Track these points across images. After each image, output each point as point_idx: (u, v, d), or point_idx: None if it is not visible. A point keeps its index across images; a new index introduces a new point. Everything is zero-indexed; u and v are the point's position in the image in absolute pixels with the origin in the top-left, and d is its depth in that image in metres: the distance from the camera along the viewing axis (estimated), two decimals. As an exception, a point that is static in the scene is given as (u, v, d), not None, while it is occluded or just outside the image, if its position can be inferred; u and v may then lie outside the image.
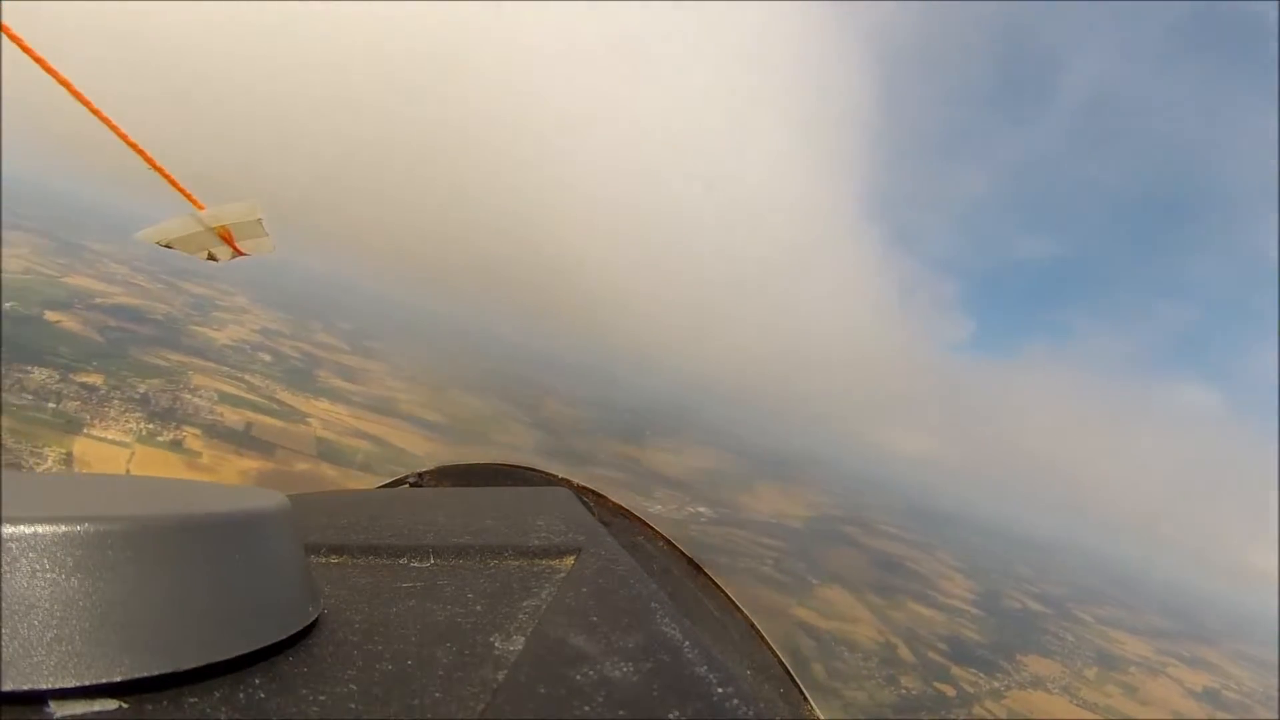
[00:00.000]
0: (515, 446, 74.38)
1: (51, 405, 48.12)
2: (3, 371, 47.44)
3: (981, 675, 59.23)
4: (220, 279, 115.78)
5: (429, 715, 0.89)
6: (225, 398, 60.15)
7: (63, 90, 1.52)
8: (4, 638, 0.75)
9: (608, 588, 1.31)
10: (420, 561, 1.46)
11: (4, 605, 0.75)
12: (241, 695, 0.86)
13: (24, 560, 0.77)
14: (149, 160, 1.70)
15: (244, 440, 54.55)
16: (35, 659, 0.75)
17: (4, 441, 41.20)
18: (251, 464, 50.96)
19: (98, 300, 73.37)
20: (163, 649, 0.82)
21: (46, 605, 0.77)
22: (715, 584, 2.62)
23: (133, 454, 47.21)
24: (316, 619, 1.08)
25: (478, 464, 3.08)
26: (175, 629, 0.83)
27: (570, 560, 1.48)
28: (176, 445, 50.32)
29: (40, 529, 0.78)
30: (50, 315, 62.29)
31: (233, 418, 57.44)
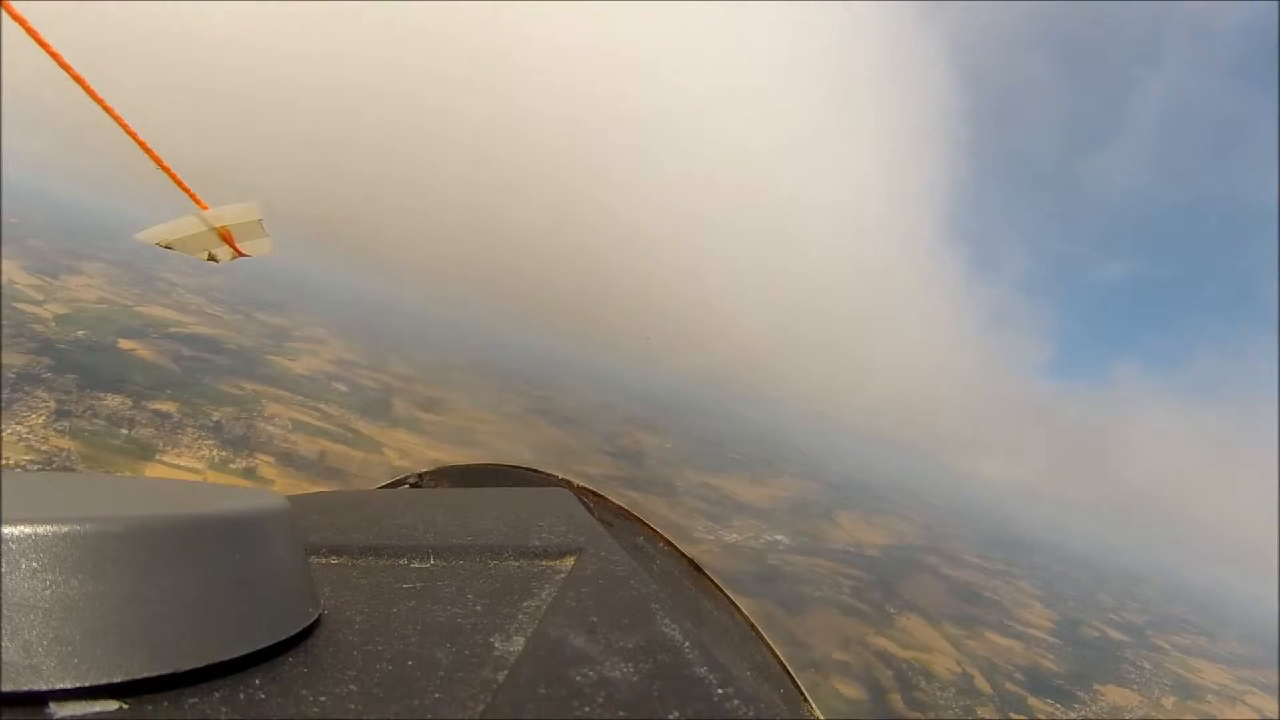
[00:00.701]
0: (597, 476, 73.14)
1: (124, 432, 47.61)
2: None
3: (1058, 706, 57.17)
4: (295, 309, 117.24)
5: (429, 715, 0.89)
6: (299, 426, 59.38)
7: (72, 87, 1.56)
8: (4, 638, 0.75)
9: (608, 588, 1.33)
10: (420, 562, 1.49)
11: (4, 605, 0.75)
12: (242, 696, 0.86)
13: (24, 560, 0.77)
14: (156, 159, 1.72)
15: (318, 469, 53.61)
16: (35, 659, 0.75)
17: (76, 466, 41.07)
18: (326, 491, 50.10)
19: (173, 329, 73.59)
20: (163, 649, 0.82)
21: (46, 605, 0.77)
22: (715, 584, 2.65)
23: (204, 481, 45.76)
24: (316, 619, 1.09)
25: (478, 464, 3.12)
26: (175, 629, 0.84)
27: (570, 561, 1.51)
28: (249, 473, 49.53)
29: (40, 529, 0.78)
30: (124, 344, 62.06)
31: (307, 446, 56.41)
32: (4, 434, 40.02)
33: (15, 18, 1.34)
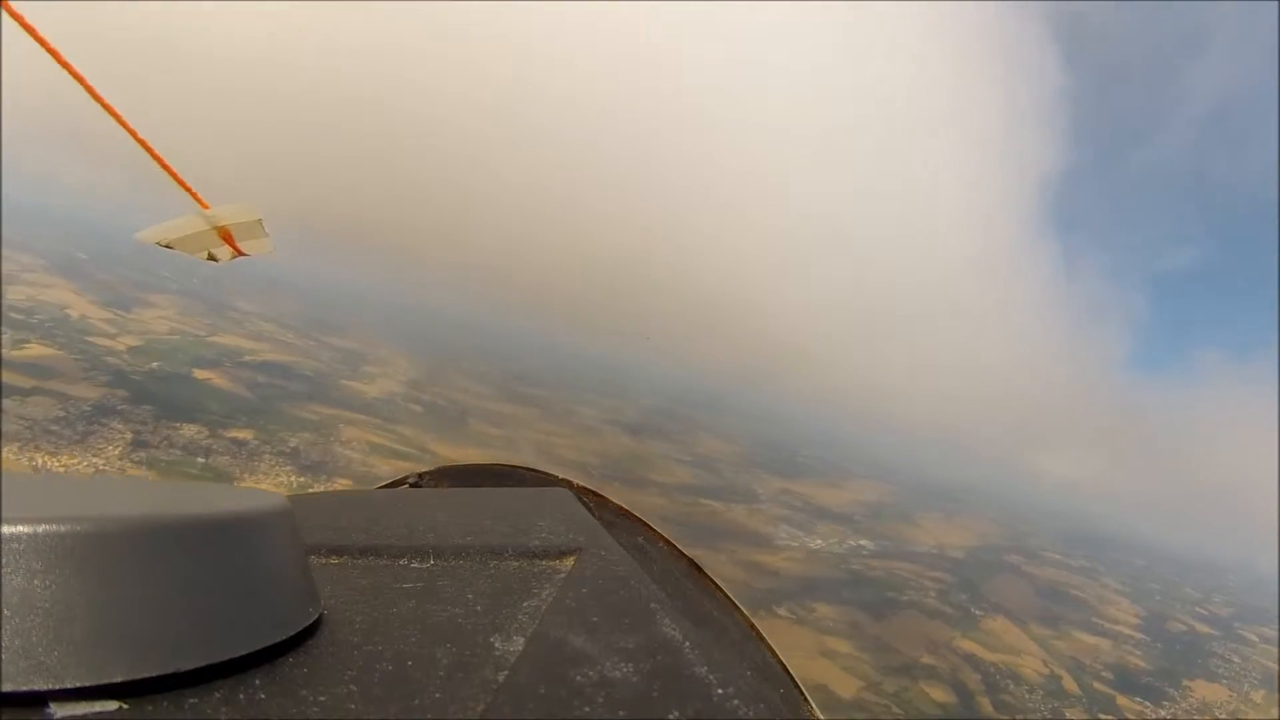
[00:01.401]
0: (679, 486, 72.87)
1: (201, 460, 47.69)
2: None
3: (1148, 704, 57.16)
4: (363, 330, 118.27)
5: (429, 715, 0.90)
6: (376, 449, 59.53)
7: (74, 87, 1.56)
8: (4, 638, 0.75)
9: (608, 588, 1.35)
10: (420, 562, 1.50)
11: (4, 605, 0.76)
12: (241, 696, 0.87)
13: (24, 560, 0.78)
14: (157, 158, 1.73)
15: (395, 492, 53.50)
16: (35, 659, 0.76)
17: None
18: (401, 514, 49.89)
19: (246, 357, 74.54)
20: (163, 649, 0.83)
21: (46, 605, 0.77)
22: (715, 584, 2.64)
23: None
24: (316, 619, 1.09)
25: (478, 464, 3.12)
26: (175, 629, 0.84)
27: (570, 561, 1.52)
28: (325, 498, 49.57)
29: (41, 529, 0.79)
30: (199, 373, 62.84)
31: (384, 469, 56.25)
32: (80, 465, 40.14)
33: (13, 15, 1.34)
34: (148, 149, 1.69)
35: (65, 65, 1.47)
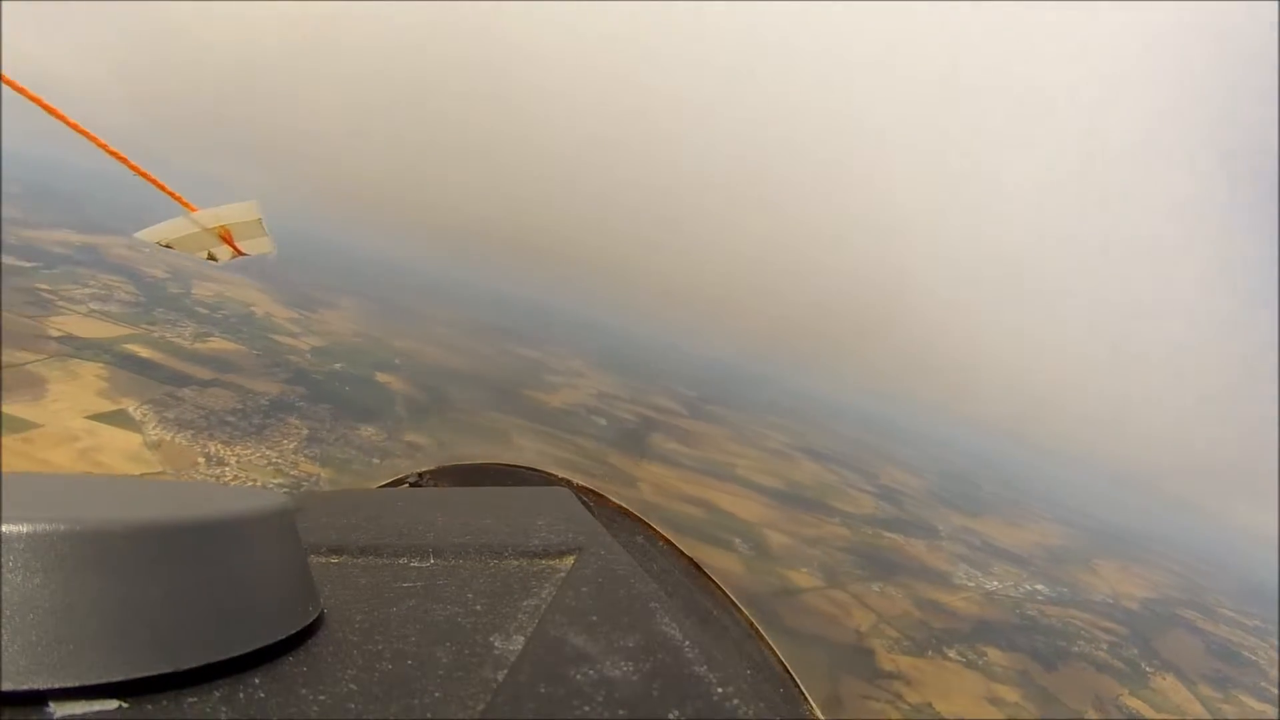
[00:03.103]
0: (861, 516, 71.25)
1: (376, 461, 48.50)
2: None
3: None
4: (553, 343, 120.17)
5: (429, 715, 0.92)
6: (552, 460, 59.45)
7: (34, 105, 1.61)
8: (4, 638, 0.76)
9: (608, 588, 1.37)
10: (420, 561, 1.52)
11: (4, 605, 0.77)
12: (241, 695, 0.89)
13: (25, 560, 0.79)
14: (133, 167, 1.76)
15: (566, 505, 53.55)
16: (35, 659, 0.77)
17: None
18: (572, 528, 49.94)
19: (429, 363, 76.47)
20: (163, 649, 0.84)
21: (46, 605, 0.79)
22: (715, 584, 2.62)
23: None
24: (316, 619, 1.11)
25: (478, 464, 3.13)
26: (175, 629, 0.86)
27: (570, 560, 1.54)
28: (495, 507, 49.92)
29: (40, 529, 0.80)
30: (381, 376, 64.55)
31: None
32: (254, 457, 41.66)
33: None
34: (123, 160, 1.68)
35: (23, 92, 1.49)
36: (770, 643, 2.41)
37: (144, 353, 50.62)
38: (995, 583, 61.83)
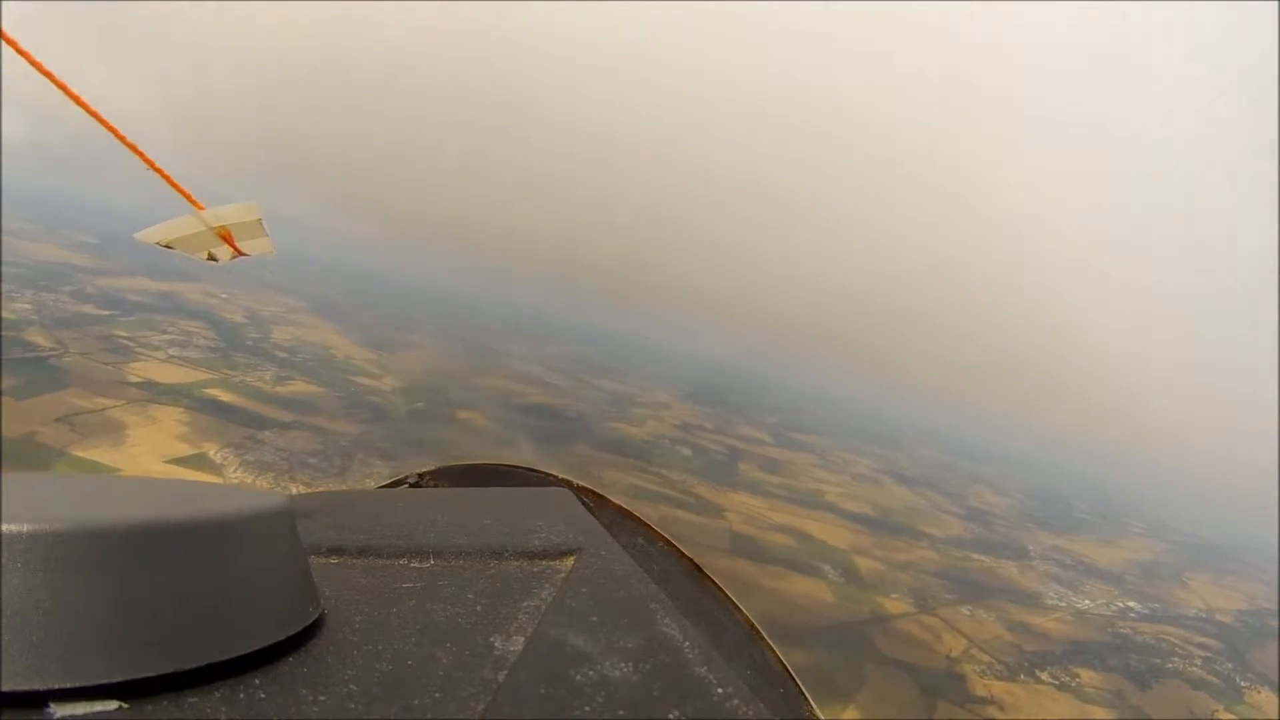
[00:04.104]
0: (945, 539, 69.55)
1: (456, 499, 49.26)
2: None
3: None
4: (638, 375, 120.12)
5: (429, 715, 0.92)
6: (639, 492, 58.28)
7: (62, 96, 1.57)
8: (4, 638, 0.77)
9: (608, 588, 1.38)
10: (420, 561, 1.53)
11: (4, 605, 0.77)
12: (241, 695, 0.89)
13: (25, 560, 0.79)
14: (148, 161, 1.73)
15: (655, 537, 53.41)
16: (35, 659, 0.78)
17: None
18: (660, 558, 49.79)
19: (511, 399, 76.74)
20: (163, 649, 0.85)
21: (46, 605, 0.79)
22: (715, 584, 2.61)
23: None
24: (316, 619, 1.12)
25: (478, 464, 3.10)
26: (175, 629, 0.86)
27: (570, 561, 1.55)
28: (580, 541, 49.84)
29: (40, 529, 0.80)
30: (462, 414, 64.68)
31: (644, 512, 54.67)
32: (334, 499, 41.98)
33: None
34: (138, 153, 1.66)
35: (56, 82, 1.47)
36: (770, 643, 2.38)
37: (224, 396, 51.17)
38: (1087, 601, 60.37)
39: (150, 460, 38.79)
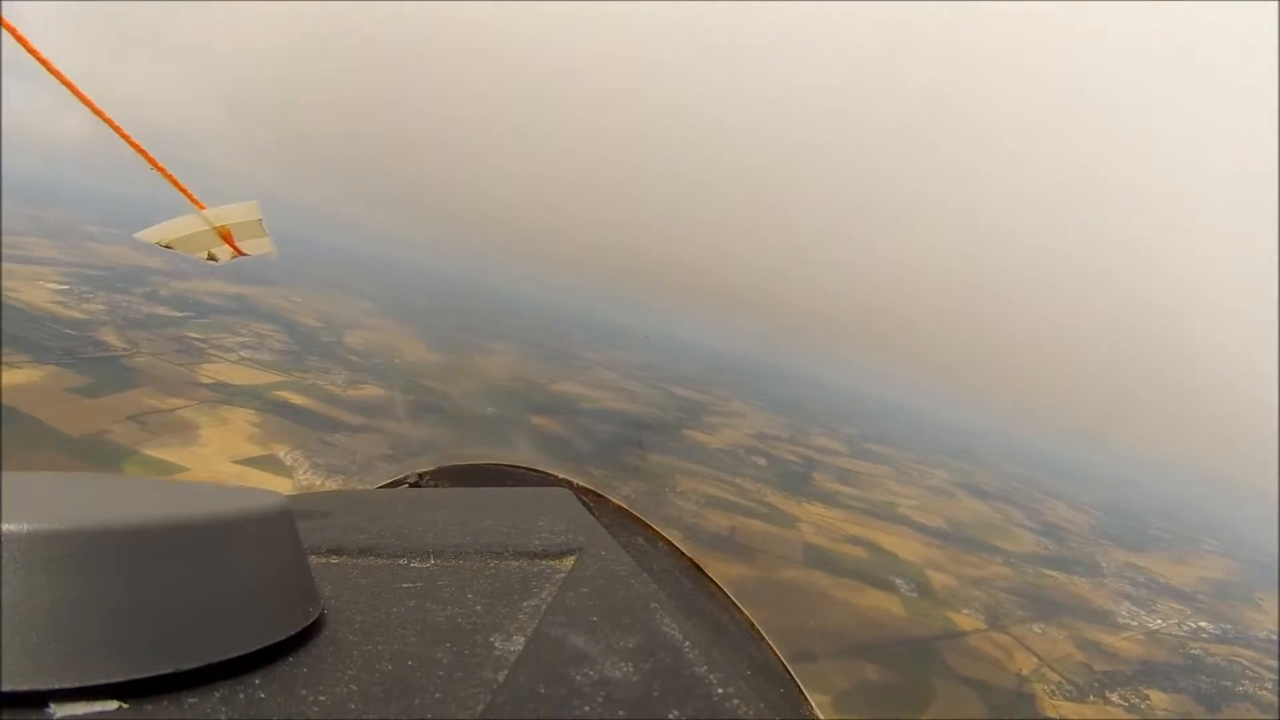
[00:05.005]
0: (1019, 554, 68.10)
1: (522, 501, 49.25)
2: None
3: None
4: (716, 384, 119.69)
5: (429, 715, 0.92)
6: (712, 501, 57.95)
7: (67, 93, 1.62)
8: (4, 638, 0.77)
9: (608, 588, 1.39)
10: (420, 561, 1.54)
11: (4, 605, 0.77)
12: (241, 695, 0.89)
13: (25, 560, 0.79)
14: (150, 159, 1.77)
15: (726, 544, 51.67)
16: (35, 659, 0.78)
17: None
18: (731, 568, 48.85)
19: (586, 405, 76.63)
20: (163, 649, 0.85)
21: (46, 605, 0.79)
22: (715, 584, 2.62)
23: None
24: (316, 619, 1.12)
25: (478, 464, 3.17)
26: (175, 629, 0.86)
27: (570, 560, 1.56)
28: (652, 547, 49.51)
29: (40, 529, 0.80)
30: (535, 420, 64.22)
31: (717, 521, 54.79)
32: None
33: (9, 30, 1.37)
34: (141, 152, 1.69)
35: (62, 79, 1.51)
36: (770, 643, 2.36)
37: (295, 399, 51.55)
38: (1159, 621, 58.86)
39: (220, 461, 39.01)
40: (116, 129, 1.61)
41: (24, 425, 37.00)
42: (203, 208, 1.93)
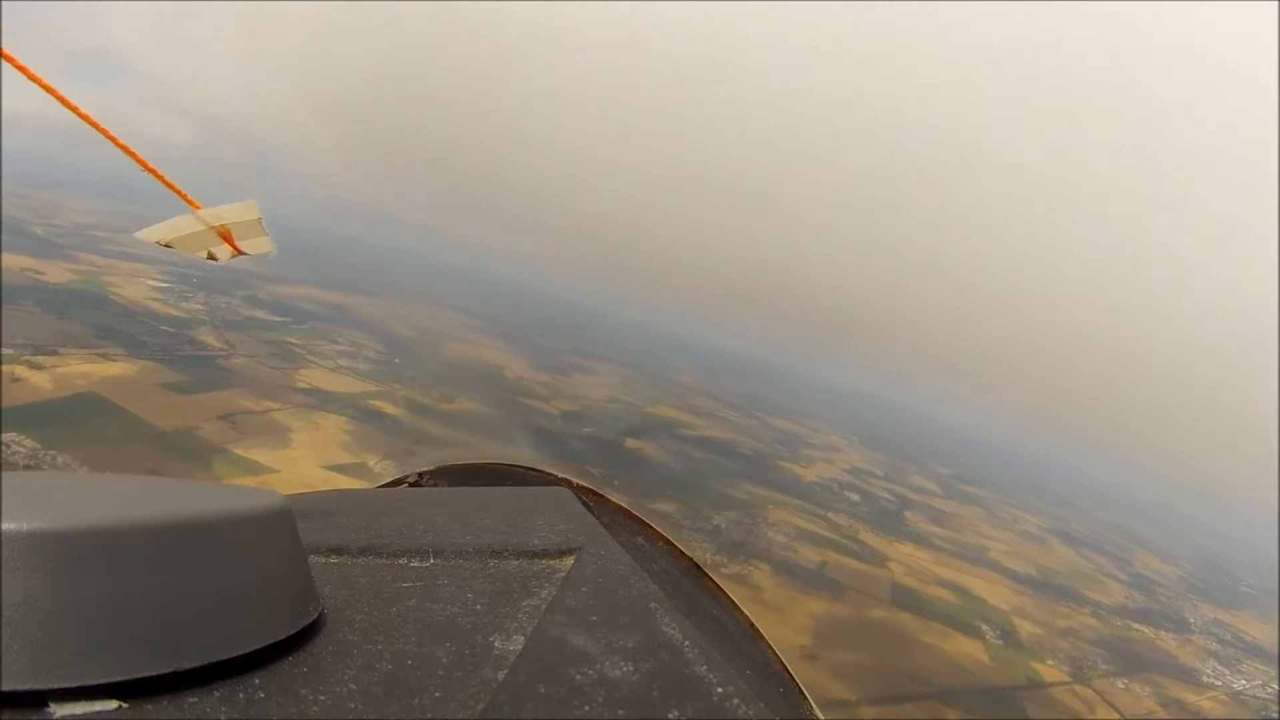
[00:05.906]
0: (1108, 606, 66.14)
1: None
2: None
3: None
4: (814, 416, 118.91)
5: (429, 715, 0.92)
6: (803, 535, 56.88)
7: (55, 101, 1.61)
8: (4, 638, 0.76)
9: (608, 588, 1.39)
10: (420, 561, 1.52)
11: (4, 605, 0.77)
12: (241, 695, 0.89)
13: (25, 560, 0.79)
14: (141, 163, 1.76)
15: (814, 579, 50.99)
16: (35, 659, 0.77)
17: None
18: (818, 604, 48.55)
19: (683, 431, 76.66)
20: (163, 649, 0.84)
21: (46, 605, 0.78)
22: (715, 584, 2.55)
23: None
24: (316, 619, 1.11)
25: (478, 464, 3.10)
26: (175, 629, 0.86)
27: (570, 560, 1.55)
28: (741, 578, 48.94)
29: (40, 529, 0.80)
30: (630, 443, 63.93)
31: (808, 555, 54.09)
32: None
33: None
34: (132, 155, 1.70)
35: (46, 88, 1.50)
36: (770, 643, 2.35)
37: (389, 409, 51.94)
38: (1243, 681, 56.63)
39: (309, 465, 39.26)
40: (104, 133, 1.65)
41: (114, 416, 38.02)
42: (198, 208, 1.95)
